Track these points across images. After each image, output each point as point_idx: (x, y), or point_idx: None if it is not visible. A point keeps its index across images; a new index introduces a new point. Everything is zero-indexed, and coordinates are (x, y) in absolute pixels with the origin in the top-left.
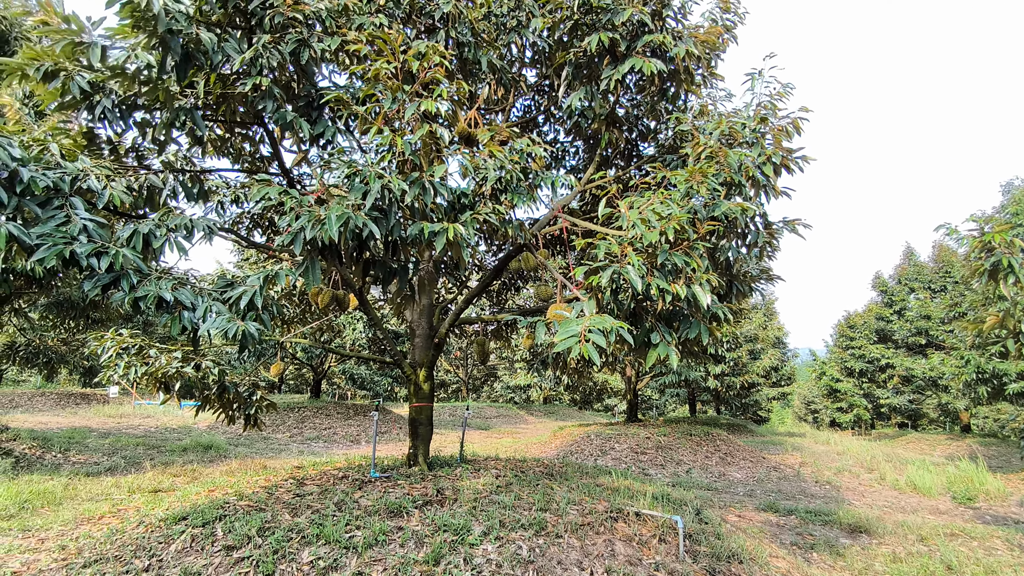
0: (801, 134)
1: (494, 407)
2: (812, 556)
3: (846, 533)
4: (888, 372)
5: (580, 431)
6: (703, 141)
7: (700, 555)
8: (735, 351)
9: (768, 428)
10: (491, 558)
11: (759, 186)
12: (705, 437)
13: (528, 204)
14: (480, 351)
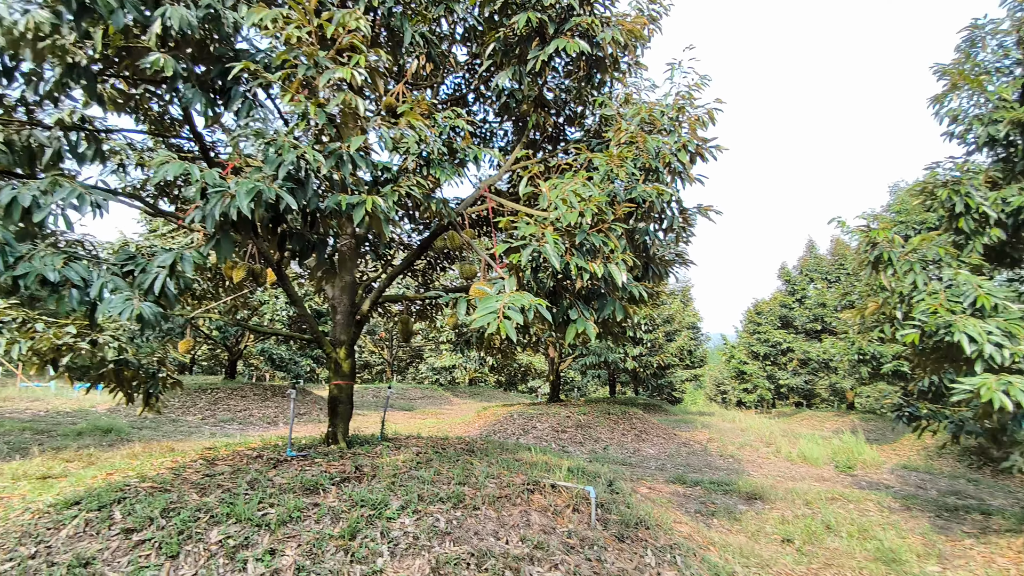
0: (715, 124)
1: (419, 389)
2: (713, 522)
3: (743, 500)
4: (788, 355)
5: (504, 411)
6: (624, 127)
7: (610, 522)
8: (652, 333)
9: (681, 408)
10: (408, 530)
11: (675, 172)
12: (622, 416)
13: (453, 180)
14: (403, 330)
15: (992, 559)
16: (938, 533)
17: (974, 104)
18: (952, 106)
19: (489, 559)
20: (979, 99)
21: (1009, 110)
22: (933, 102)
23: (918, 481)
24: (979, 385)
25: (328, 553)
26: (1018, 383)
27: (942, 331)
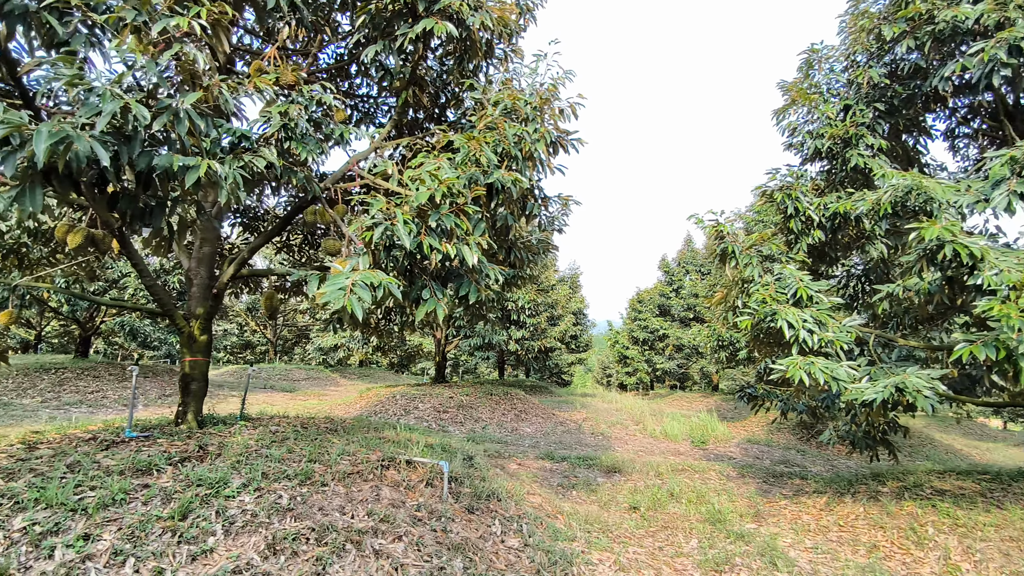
0: (577, 118)
1: (304, 369)
2: (571, 494)
3: (604, 473)
4: (665, 341)
5: (387, 392)
6: (489, 113)
7: (463, 495)
8: (535, 317)
9: (568, 390)
10: (247, 508)
11: (534, 161)
12: (504, 397)
13: (316, 156)
14: (267, 305)
15: (799, 515)
16: (761, 496)
17: (808, 120)
18: (791, 119)
19: (331, 533)
20: (812, 115)
21: (832, 127)
22: (775, 115)
23: (757, 453)
24: (788, 365)
25: (153, 535)
26: (820, 364)
27: (768, 318)
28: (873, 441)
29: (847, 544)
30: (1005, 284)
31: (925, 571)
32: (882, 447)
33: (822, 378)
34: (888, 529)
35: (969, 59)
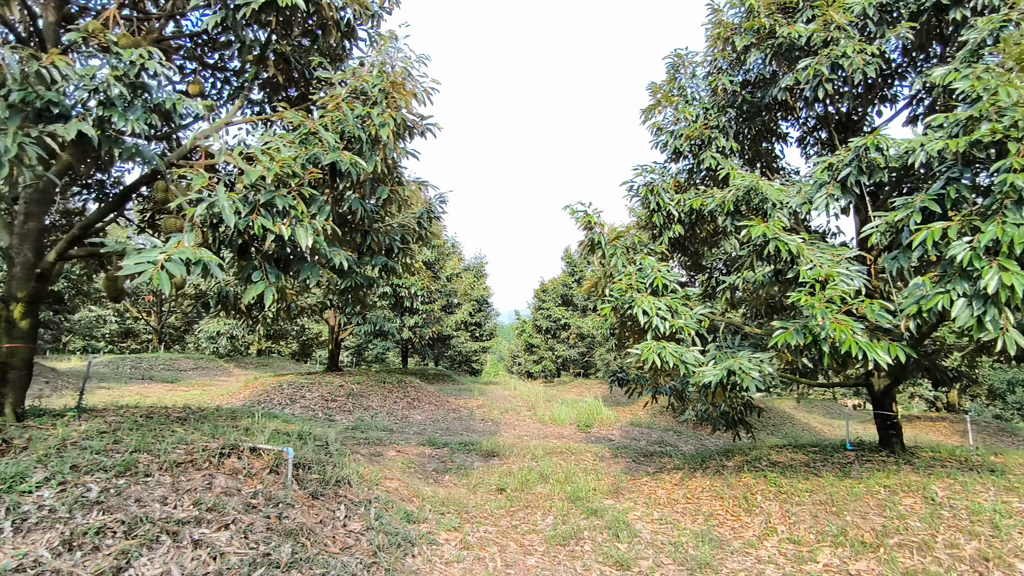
0: (432, 103)
1: (193, 359)
2: (444, 478)
3: (482, 458)
4: (568, 330)
5: (274, 381)
6: (337, 92)
7: (310, 482)
8: (429, 304)
9: (475, 379)
10: (46, 503)
11: (380, 144)
12: (397, 385)
13: (140, 126)
14: (108, 287)
15: (655, 491)
16: (626, 474)
17: (672, 121)
18: (657, 120)
19: (144, 525)
20: (675, 116)
21: (689, 128)
22: (642, 114)
23: (636, 435)
24: (643, 349)
25: None
26: (671, 348)
27: (627, 306)
28: (732, 421)
29: (689, 514)
30: (814, 277)
31: (748, 534)
32: (741, 427)
33: (672, 361)
34: (726, 499)
35: (800, 73)
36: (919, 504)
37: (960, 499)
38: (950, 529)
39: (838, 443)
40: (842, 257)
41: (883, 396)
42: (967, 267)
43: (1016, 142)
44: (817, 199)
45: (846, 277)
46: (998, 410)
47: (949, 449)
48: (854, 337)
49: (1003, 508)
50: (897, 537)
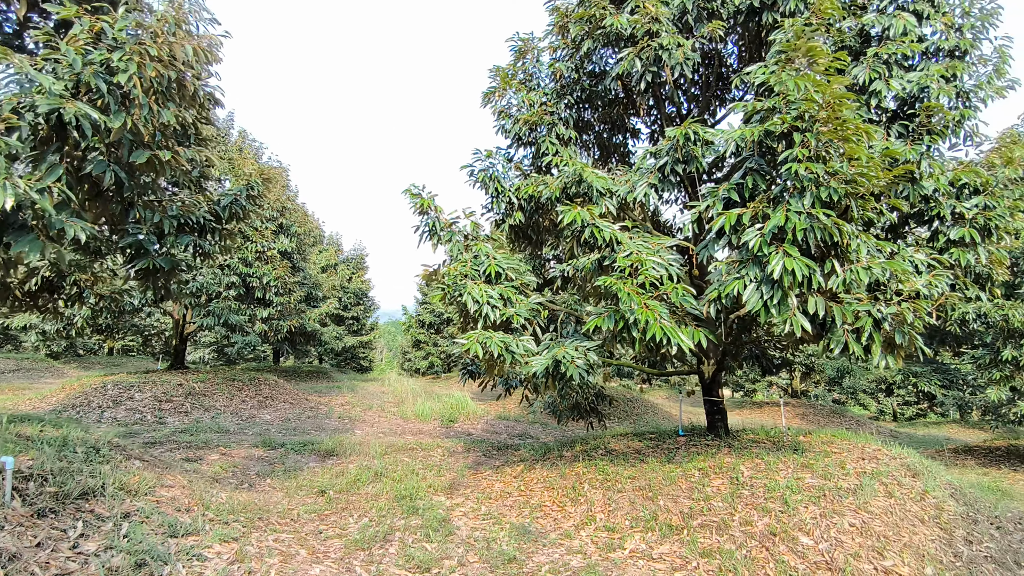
0: (219, 62)
1: (16, 359)
2: (262, 482)
3: (318, 458)
4: (452, 325)
5: (98, 382)
6: (76, 32)
7: (42, 496)
8: (284, 296)
9: (361, 376)
10: None
11: (129, 100)
12: (249, 383)
13: None
14: None
15: (492, 485)
16: (471, 469)
17: (516, 105)
18: (501, 103)
19: None
20: (519, 101)
21: (528, 112)
22: (484, 98)
23: (500, 428)
24: (467, 339)
25: None
26: (497, 337)
27: (457, 293)
28: (585, 411)
29: (517, 508)
30: (627, 264)
31: (568, 524)
32: (593, 416)
33: (496, 351)
34: (557, 490)
35: (622, 62)
36: (725, 485)
37: (761, 478)
38: (747, 507)
39: (669, 430)
40: (662, 246)
41: (711, 383)
42: (758, 253)
43: (801, 132)
44: (639, 187)
45: (657, 264)
46: (836, 395)
47: (766, 431)
48: (660, 322)
49: (795, 484)
50: (701, 518)
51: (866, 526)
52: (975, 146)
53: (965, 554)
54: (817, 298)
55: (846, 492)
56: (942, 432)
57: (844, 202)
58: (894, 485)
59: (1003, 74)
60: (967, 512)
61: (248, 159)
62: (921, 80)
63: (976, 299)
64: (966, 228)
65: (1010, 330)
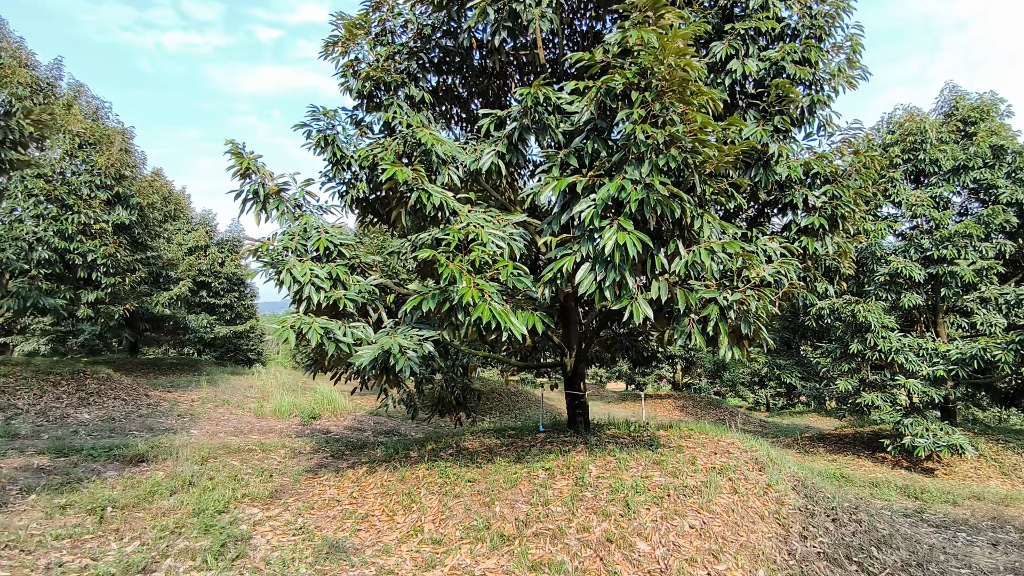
0: None
1: None
2: (21, 500)
3: (121, 465)
4: None
5: None
6: None
7: None
8: (115, 276)
9: (242, 370)
10: None
11: None
12: (72, 376)
13: None
14: None
15: (325, 491)
16: (309, 473)
17: (364, 61)
18: (348, 58)
19: None
20: (367, 55)
21: (372, 67)
22: (324, 49)
23: (368, 425)
24: (280, 323)
25: None
26: (317, 323)
27: (276, 272)
28: (449, 406)
29: (340, 519)
30: (460, 237)
31: (391, 537)
32: (460, 411)
33: (315, 339)
34: (392, 495)
35: (474, 14)
36: (568, 487)
37: (608, 477)
38: (588, 511)
39: (531, 426)
40: (510, 222)
41: (572, 375)
42: (590, 226)
43: (640, 91)
44: (485, 156)
45: (498, 240)
46: (719, 387)
47: (628, 426)
48: (490, 304)
49: (641, 484)
50: (537, 526)
51: (706, 527)
52: (827, 136)
53: (799, 551)
54: (661, 282)
55: (691, 490)
56: (804, 421)
57: (689, 177)
58: (740, 480)
59: (855, 64)
60: (806, 505)
61: (77, 117)
62: (776, 59)
63: (825, 292)
64: (815, 216)
65: (857, 325)
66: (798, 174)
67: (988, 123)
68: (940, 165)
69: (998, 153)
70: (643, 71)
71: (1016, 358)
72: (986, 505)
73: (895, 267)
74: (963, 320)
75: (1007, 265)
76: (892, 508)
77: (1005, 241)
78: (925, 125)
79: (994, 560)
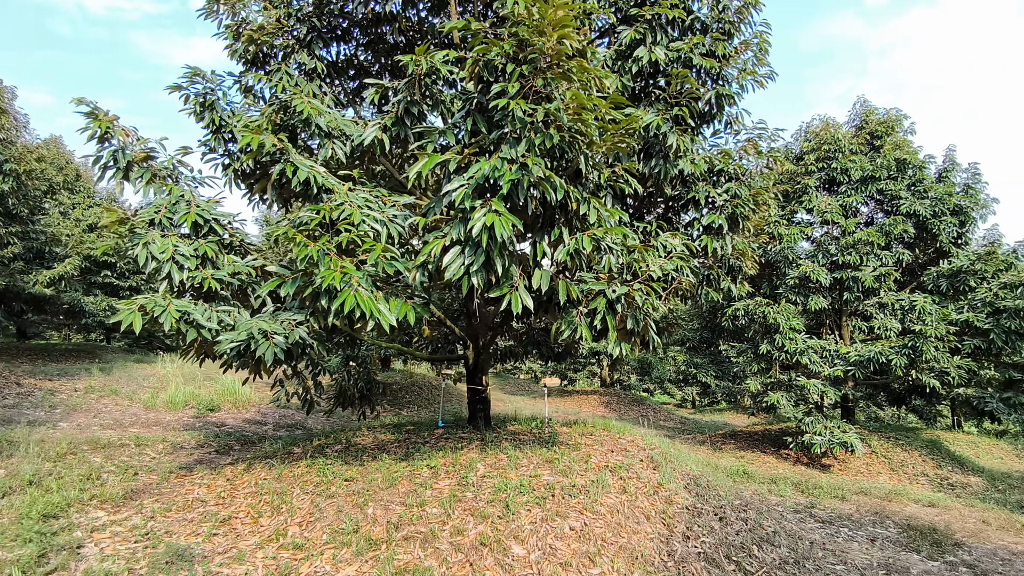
0: None
1: None
2: None
3: None
4: None
5: None
6: None
7: None
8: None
9: (150, 358)
10: None
11: None
12: None
13: None
14: None
15: (193, 491)
16: (183, 471)
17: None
18: (240, 18)
19: None
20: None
21: (257, 32)
22: (206, 6)
23: (271, 418)
24: (128, 304)
25: None
26: (174, 306)
27: (131, 245)
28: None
29: (199, 521)
30: (330, 216)
31: (251, 541)
32: (365, 404)
33: (168, 322)
34: (264, 495)
35: None
36: (450, 487)
37: (495, 476)
38: (465, 513)
39: (429, 421)
40: (397, 204)
41: (474, 369)
42: (462, 207)
43: (517, 64)
44: (370, 130)
45: (375, 221)
46: (648, 384)
47: (529, 422)
48: (357, 290)
49: (527, 483)
50: (409, 528)
51: (587, 529)
52: (734, 135)
53: (679, 552)
54: (544, 271)
55: (578, 490)
56: (723, 418)
57: (575, 160)
58: (632, 479)
59: (763, 62)
60: (695, 504)
61: None
62: (684, 49)
63: (728, 291)
64: (716, 215)
65: (767, 326)
66: (702, 169)
67: (893, 137)
68: (850, 175)
69: (901, 166)
70: (521, 43)
71: (907, 361)
72: (871, 500)
73: (804, 271)
74: (863, 324)
75: (905, 273)
76: (785, 504)
77: (903, 250)
78: (838, 135)
79: (869, 556)
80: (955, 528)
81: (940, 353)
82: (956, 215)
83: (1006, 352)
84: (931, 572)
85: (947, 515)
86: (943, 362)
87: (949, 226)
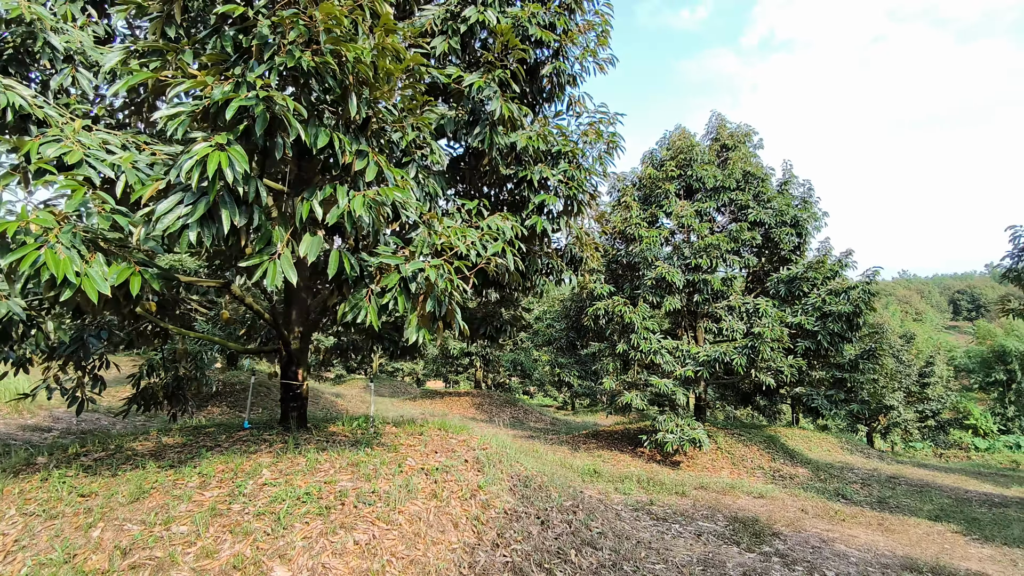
0: None
1: None
2: None
3: None
4: None
5: None
6: None
7: None
8: None
9: None
10: None
11: None
12: None
13: None
14: None
15: None
16: None
17: None
18: None
19: None
20: None
21: None
22: None
23: (64, 424)
24: None
25: None
26: None
27: None
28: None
29: None
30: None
31: None
32: (175, 404)
33: None
34: None
35: None
36: (215, 498)
37: (279, 484)
38: (223, 530)
39: (263, 421)
40: (159, 152)
41: (290, 362)
42: (182, 138)
43: None
44: (111, 55)
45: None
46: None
47: (350, 421)
48: (54, 249)
49: (316, 491)
50: (144, 552)
51: (375, 542)
52: (576, 117)
53: (482, 562)
54: (314, 238)
55: (377, 497)
56: (595, 419)
57: (347, 104)
58: (448, 482)
59: (604, 43)
60: (517, 507)
61: None
62: (520, 17)
63: (569, 282)
64: (548, 195)
65: (624, 325)
66: (536, 146)
67: (742, 150)
68: (704, 183)
69: (748, 178)
70: None
71: (747, 361)
72: (709, 495)
73: (660, 272)
74: (714, 326)
75: (753, 279)
76: (627, 502)
77: (751, 257)
78: (692, 142)
79: (691, 552)
80: (776, 518)
81: (776, 354)
82: (794, 227)
83: (831, 353)
84: (745, 564)
85: (771, 505)
86: (778, 362)
87: (788, 236)
